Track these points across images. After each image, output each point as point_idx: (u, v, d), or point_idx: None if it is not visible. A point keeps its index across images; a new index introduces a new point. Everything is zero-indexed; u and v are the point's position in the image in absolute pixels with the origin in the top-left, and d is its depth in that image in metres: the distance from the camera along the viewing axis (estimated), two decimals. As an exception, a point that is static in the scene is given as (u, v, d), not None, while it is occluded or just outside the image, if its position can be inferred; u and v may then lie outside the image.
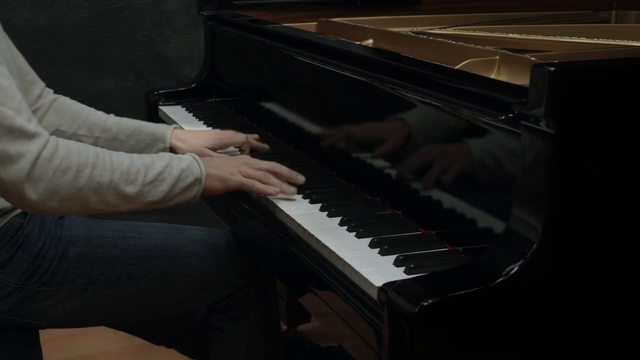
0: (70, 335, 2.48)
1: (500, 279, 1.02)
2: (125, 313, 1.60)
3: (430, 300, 1.01)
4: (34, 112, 1.74)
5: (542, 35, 1.91)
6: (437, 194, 1.31)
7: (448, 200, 1.29)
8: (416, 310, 1.01)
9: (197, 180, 1.44)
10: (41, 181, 1.29)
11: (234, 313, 1.66)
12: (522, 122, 1.08)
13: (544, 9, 2.32)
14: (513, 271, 1.03)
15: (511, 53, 1.65)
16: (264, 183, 1.48)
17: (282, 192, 1.48)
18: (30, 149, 1.29)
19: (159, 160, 1.43)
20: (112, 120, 1.76)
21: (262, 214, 1.50)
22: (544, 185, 1.06)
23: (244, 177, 1.48)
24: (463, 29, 2.06)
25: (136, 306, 1.59)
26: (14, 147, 1.27)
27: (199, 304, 1.65)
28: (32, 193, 1.29)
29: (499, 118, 1.12)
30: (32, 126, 1.30)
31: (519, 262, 1.04)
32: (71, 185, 1.32)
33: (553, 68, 1.01)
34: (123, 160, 1.39)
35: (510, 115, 1.11)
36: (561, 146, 1.04)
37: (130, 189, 1.37)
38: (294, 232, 1.40)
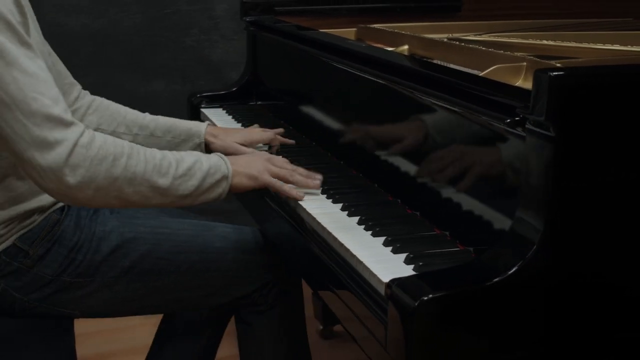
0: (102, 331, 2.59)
1: (498, 279, 1.06)
2: (154, 305, 1.66)
3: (430, 296, 1.06)
4: (74, 112, 1.82)
5: (576, 42, 1.93)
6: (450, 195, 1.35)
7: (460, 201, 1.33)
8: (416, 304, 1.05)
9: (225, 177, 1.49)
10: (79, 168, 1.34)
11: (260, 307, 1.70)
12: (526, 125, 1.11)
13: (585, 17, 2.33)
14: (511, 271, 1.07)
15: (538, 59, 1.68)
16: (289, 181, 1.54)
17: (307, 186, 1.53)
18: (67, 136, 1.34)
19: (189, 156, 1.48)
20: (149, 118, 1.84)
21: (285, 211, 1.56)
22: (544, 188, 1.09)
23: (272, 175, 1.54)
24: (498, 36, 2.09)
25: (165, 299, 1.65)
26: (52, 134, 1.33)
27: (226, 298, 1.70)
28: (70, 179, 1.34)
29: (504, 121, 1.15)
30: (69, 116, 1.36)
31: (518, 263, 1.08)
32: (107, 174, 1.37)
33: (553, 73, 1.05)
34: (155, 154, 1.45)
35: (517, 118, 1.14)
36: (561, 149, 1.07)
37: (162, 181, 1.43)
38: (313, 229, 1.45)
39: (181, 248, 1.62)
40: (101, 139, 1.39)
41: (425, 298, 1.05)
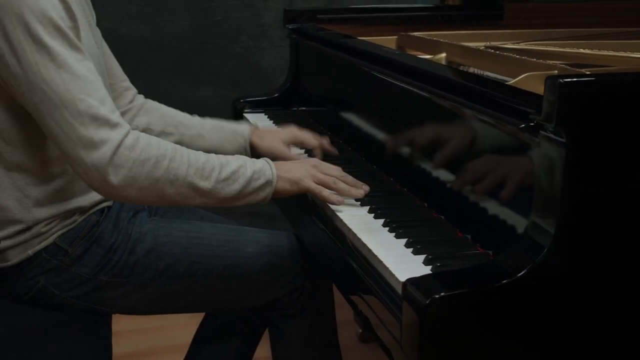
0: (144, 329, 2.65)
1: (506, 280, 1.09)
2: (187, 306, 1.71)
3: (442, 294, 1.09)
4: (125, 113, 1.89)
5: (614, 50, 1.94)
6: (471, 199, 1.38)
7: (480, 206, 1.35)
8: (427, 302, 1.09)
9: (269, 182, 1.54)
10: (122, 168, 1.40)
11: (291, 311, 1.73)
12: (539, 131, 1.14)
13: (627, 26, 2.33)
14: (520, 274, 1.10)
15: (569, 67, 1.70)
16: (331, 188, 1.57)
17: (350, 195, 1.56)
18: (112, 137, 1.40)
19: (234, 161, 1.53)
20: (196, 120, 1.91)
21: (316, 214, 1.60)
22: (556, 193, 1.12)
23: (314, 182, 1.57)
24: (535, 44, 2.11)
25: (198, 301, 1.70)
26: (97, 134, 1.39)
27: (257, 301, 1.73)
28: (113, 178, 1.40)
29: (519, 127, 1.18)
30: (115, 117, 1.42)
31: (528, 266, 1.10)
32: (149, 176, 1.43)
33: (564, 80, 1.08)
34: (199, 157, 1.50)
35: (531, 124, 1.17)
36: (572, 155, 1.10)
37: (204, 184, 1.48)
38: (340, 230, 1.49)
39: (214, 252, 1.66)
40: (145, 141, 1.45)
41: (437, 296, 1.09)
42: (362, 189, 1.59)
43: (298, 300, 1.73)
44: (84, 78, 1.40)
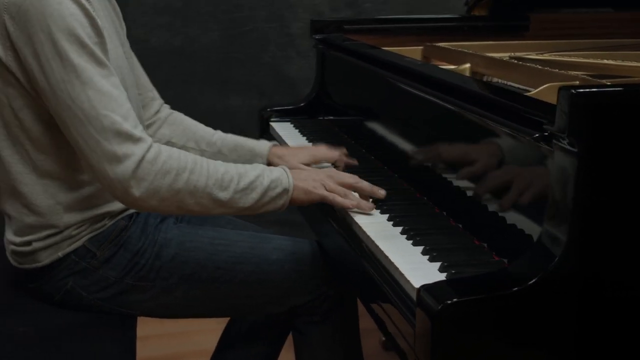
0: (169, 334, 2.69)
1: (517, 288, 1.11)
2: (211, 311, 1.75)
3: (455, 300, 1.11)
4: (151, 125, 1.94)
5: (637, 62, 1.96)
6: (488, 208, 1.40)
7: (496, 214, 1.37)
8: (440, 307, 1.11)
9: (285, 191, 1.57)
10: (144, 181, 1.46)
11: (314, 318, 1.76)
12: (553, 140, 1.16)
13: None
14: (531, 282, 1.12)
15: (590, 78, 1.72)
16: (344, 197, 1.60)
17: (359, 207, 1.59)
18: (135, 151, 1.45)
19: (252, 170, 1.57)
20: (217, 136, 1.95)
21: (337, 222, 1.63)
22: (568, 202, 1.14)
23: (327, 190, 1.60)
24: (559, 55, 2.13)
25: (222, 306, 1.73)
26: (120, 149, 1.44)
27: (281, 308, 1.77)
28: (135, 191, 1.45)
29: (533, 137, 1.20)
30: (138, 132, 1.47)
31: (539, 274, 1.13)
32: (170, 187, 1.48)
33: (575, 90, 1.10)
34: (219, 168, 1.54)
35: (545, 134, 1.19)
36: (584, 164, 1.12)
37: (223, 195, 1.52)
38: (359, 237, 1.52)
39: (238, 259, 1.69)
40: (166, 154, 1.49)
41: (449, 302, 1.11)
42: (377, 193, 1.62)
43: (321, 307, 1.76)
44: (108, 94, 1.45)
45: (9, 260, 1.66)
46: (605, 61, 2.02)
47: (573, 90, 1.10)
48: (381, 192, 1.63)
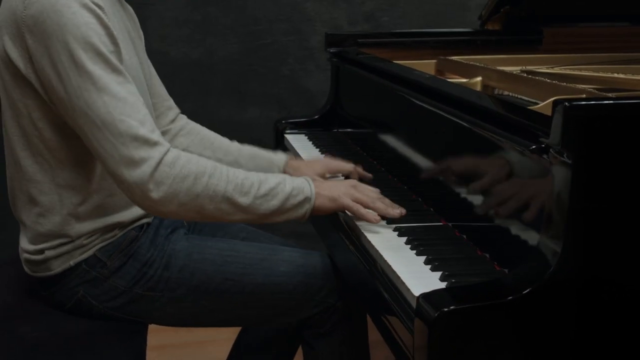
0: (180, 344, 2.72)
1: (512, 297, 1.13)
2: (220, 321, 1.77)
3: (451, 307, 1.14)
4: (166, 133, 1.97)
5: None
6: (489, 218, 1.43)
7: (497, 225, 1.40)
8: (436, 315, 1.13)
9: (307, 199, 1.59)
10: (162, 185, 1.48)
11: (323, 330, 1.78)
12: (549, 152, 1.19)
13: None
14: (525, 291, 1.14)
15: (596, 91, 1.74)
16: (369, 207, 1.61)
17: (387, 214, 1.60)
18: (152, 155, 1.48)
19: (273, 177, 1.59)
20: (234, 146, 1.98)
21: (344, 233, 1.66)
22: (564, 212, 1.16)
23: (352, 200, 1.62)
24: (570, 68, 2.15)
25: (230, 316, 1.75)
26: (137, 153, 1.47)
27: (289, 319, 1.78)
28: (154, 194, 1.48)
29: (529, 148, 1.23)
30: (155, 136, 1.49)
31: (534, 284, 1.15)
32: (189, 191, 1.50)
33: (569, 103, 1.12)
34: (239, 174, 1.56)
35: (542, 146, 1.21)
36: (578, 175, 1.14)
37: (243, 200, 1.54)
38: (364, 247, 1.54)
39: (247, 270, 1.71)
40: (185, 158, 1.52)
41: (446, 309, 1.13)
42: (399, 210, 1.62)
43: (330, 319, 1.77)
44: (124, 100, 1.48)
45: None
46: (616, 75, 2.04)
47: (566, 103, 1.12)
48: (402, 211, 1.63)
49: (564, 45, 2.51)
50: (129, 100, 1.49)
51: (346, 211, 1.65)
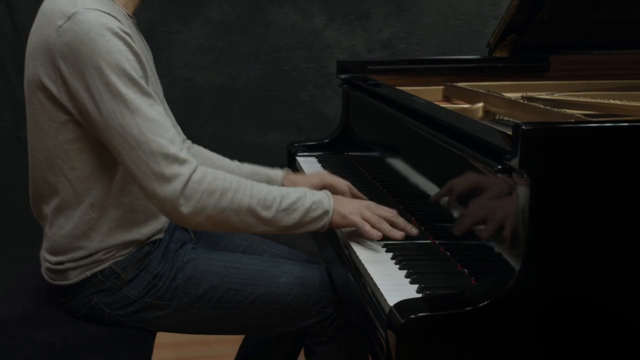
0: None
1: (470, 308, 1.23)
2: (224, 329, 1.87)
3: (419, 315, 1.24)
4: None
5: (645, 101, 2.06)
6: (467, 236, 1.52)
7: (474, 242, 1.48)
8: (403, 321, 1.23)
9: (326, 213, 1.71)
10: (191, 199, 1.61)
11: (322, 338, 1.88)
12: (511, 172, 1.28)
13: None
14: (482, 304, 1.24)
15: (586, 118, 1.83)
16: (375, 227, 1.71)
17: (390, 236, 1.69)
18: (182, 172, 1.60)
19: (295, 192, 1.71)
20: (235, 164, 2.11)
21: (335, 246, 1.76)
22: (524, 230, 1.25)
23: (362, 218, 1.71)
24: (569, 95, 2.23)
25: (234, 324, 1.86)
26: (169, 170, 1.59)
27: (291, 327, 1.89)
28: (184, 209, 1.60)
29: (494, 168, 1.32)
30: (184, 154, 1.62)
31: (491, 297, 1.24)
32: (216, 206, 1.63)
33: (525, 127, 1.21)
34: (262, 189, 1.69)
35: (507, 166, 1.30)
36: (535, 194, 1.23)
37: (265, 213, 1.67)
38: (353, 260, 1.64)
39: (249, 281, 1.83)
40: (212, 175, 1.64)
41: (413, 316, 1.24)
42: (409, 231, 1.70)
43: (329, 328, 1.88)
44: (155, 121, 1.61)
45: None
46: (612, 101, 2.12)
47: (523, 126, 1.21)
48: (414, 231, 1.72)
49: (570, 72, 2.58)
50: (159, 121, 1.61)
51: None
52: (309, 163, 2.44)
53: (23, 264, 2.10)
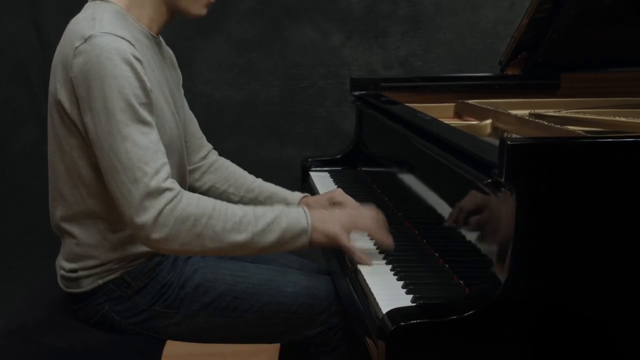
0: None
1: (455, 317, 1.28)
2: (231, 337, 1.93)
3: (411, 322, 1.29)
4: (197, 169, 2.16)
5: (647, 119, 2.09)
6: (463, 249, 1.56)
7: (469, 255, 1.53)
8: (393, 328, 1.28)
9: (304, 231, 1.74)
10: (164, 227, 1.65)
11: (326, 347, 1.93)
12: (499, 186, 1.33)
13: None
14: (467, 313, 1.28)
15: (583, 133, 1.87)
16: (372, 236, 1.77)
17: (384, 243, 1.75)
18: (160, 201, 1.65)
19: (270, 212, 1.74)
20: (257, 184, 2.16)
21: (338, 256, 1.81)
22: (510, 242, 1.29)
23: (348, 240, 1.75)
24: (574, 112, 2.28)
25: (240, 332, 1.91)
26: (147, 199, 1.64)
27: (296, 336, 1.93)
28: (157, 235, 1.65)
29: (484, 182, 1.37)
30: (167, 183, 1.66)
31: (477, 307, 1.29)
32: (190, 232, 1.67)
33: (510, 142, 1.26)
34: (237, 212, 1.72)
35: (495, 179, 1.35)
36: (521, 206, 1.27)
37: (241, 237, 1.70)
38: (355, 272, 1.69)
39: (255, 290, 1.88)
40: (186, 202, 1.67)
41: (403, 324, 1.29)
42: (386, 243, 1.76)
43: (333, 338, 1.92)
44: (145, 149, 1.66)
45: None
46: (617, 118, 2.16)
47: (509, 141, 1.26)
48: (389, 241, 1.77)
49: (581, 89, 2.62)
50: (149, 149, 1.66)
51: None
52: (321, 178, 2.50)
53: (44, 273, 2.17)
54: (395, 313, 1.33)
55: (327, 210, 1.89)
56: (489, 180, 1.36)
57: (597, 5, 2.44)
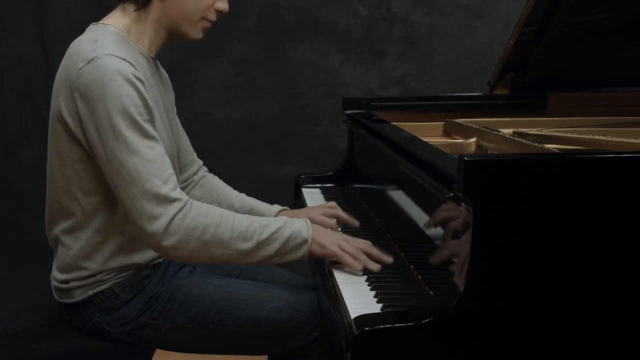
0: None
1: (412, 323, 1.35)
2: (216, 348, 1.99)
3: (374, 327, 1.36)
4: (188, 184, 2.25)
5: (634, 138, 2.16)
6: (429, 260, 1.63)
7: (437, 266, 1.60)
8: (357, 333, 1.35)
9: (305, 241, 1.83)
10: (175, 235, 1.74)
11: (309, 359, 1.98)
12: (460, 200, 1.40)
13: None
14: (424, 320, 1.35)
15: (558, 151, 1.93)
16: (355, 257, 1.83)
17: (368, 268, 1.80)
18: (170, 210, 1.74)
19: (275, 223, 1.83)
20: (237, 199, 2.24)
21: (320, 271, 1.88)
22: (467, 254, 1.36)
23: (340, 249, 1.84)
24: (556, 131, 2.34)
25: (225, 345, 1.97)
26: (157, 209, 1.73)
27: (279, 349, 1.99)
28: (167, 244, 1.74)
29: (445, 196, 1.44)
30: (175, 193, 1.75)
31: (433, 315, 1.36)
32: (198, 240, 1.76)
33: (467, 158, 1.33)
34: (243, 222, 1.81)
35: (456, 194, 1.42)
36: (478, 220, 1.34)
37: (246, 245, 1.79)
38: (332, 283, 1.76)
39: (240, 305, 1.94)
40: (196, 211, 1.77)
41: (367, 329, 1.36)
42: (378, 266, 1.80)
43: (314, 351, 1.98)
44: (152, 162, 1.75)
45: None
46: (597, 137, 2.22)
47: (466, 158, 1.34)
48: (389, 259, 1.83)
49: (568, 109, 2.67)
50: (156, 161, 1.76)
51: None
52: (312, 194, 2.57)
53: (45, 283, 2.26)
54: (361, 319, 1.40)
55: None
56: (451, 195, 1.43)
57: (581, 27, 2.51)
